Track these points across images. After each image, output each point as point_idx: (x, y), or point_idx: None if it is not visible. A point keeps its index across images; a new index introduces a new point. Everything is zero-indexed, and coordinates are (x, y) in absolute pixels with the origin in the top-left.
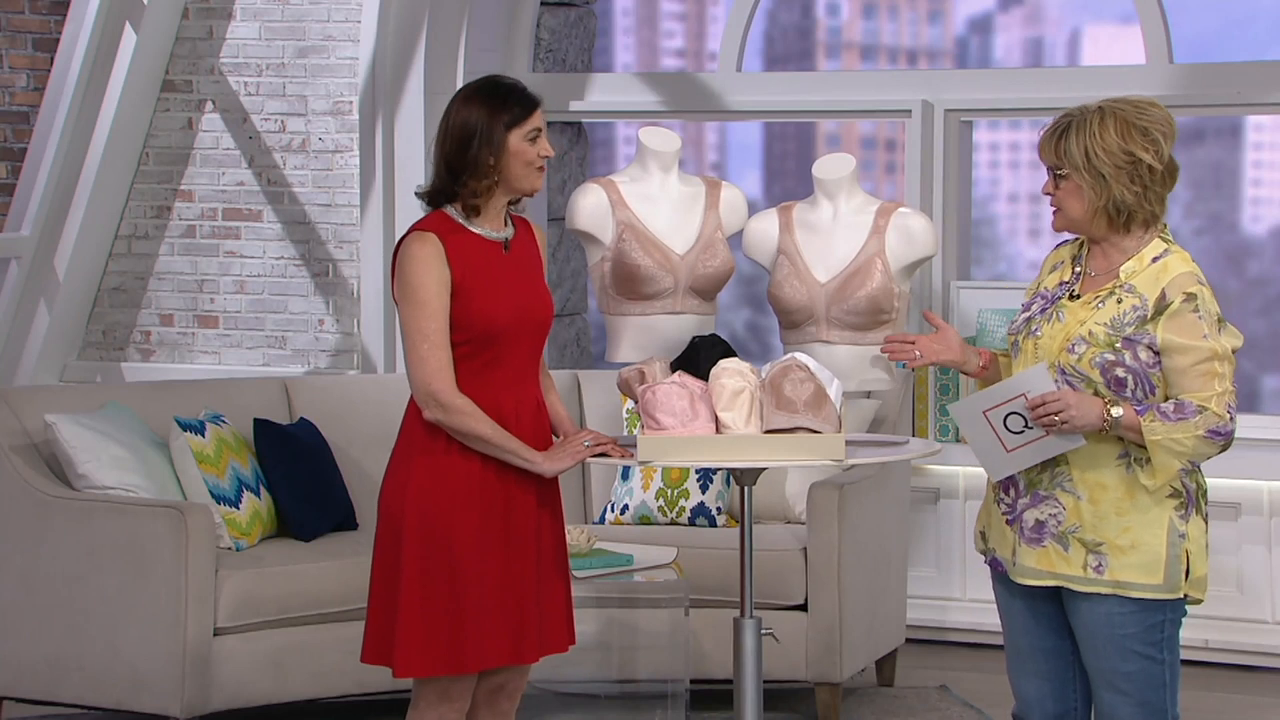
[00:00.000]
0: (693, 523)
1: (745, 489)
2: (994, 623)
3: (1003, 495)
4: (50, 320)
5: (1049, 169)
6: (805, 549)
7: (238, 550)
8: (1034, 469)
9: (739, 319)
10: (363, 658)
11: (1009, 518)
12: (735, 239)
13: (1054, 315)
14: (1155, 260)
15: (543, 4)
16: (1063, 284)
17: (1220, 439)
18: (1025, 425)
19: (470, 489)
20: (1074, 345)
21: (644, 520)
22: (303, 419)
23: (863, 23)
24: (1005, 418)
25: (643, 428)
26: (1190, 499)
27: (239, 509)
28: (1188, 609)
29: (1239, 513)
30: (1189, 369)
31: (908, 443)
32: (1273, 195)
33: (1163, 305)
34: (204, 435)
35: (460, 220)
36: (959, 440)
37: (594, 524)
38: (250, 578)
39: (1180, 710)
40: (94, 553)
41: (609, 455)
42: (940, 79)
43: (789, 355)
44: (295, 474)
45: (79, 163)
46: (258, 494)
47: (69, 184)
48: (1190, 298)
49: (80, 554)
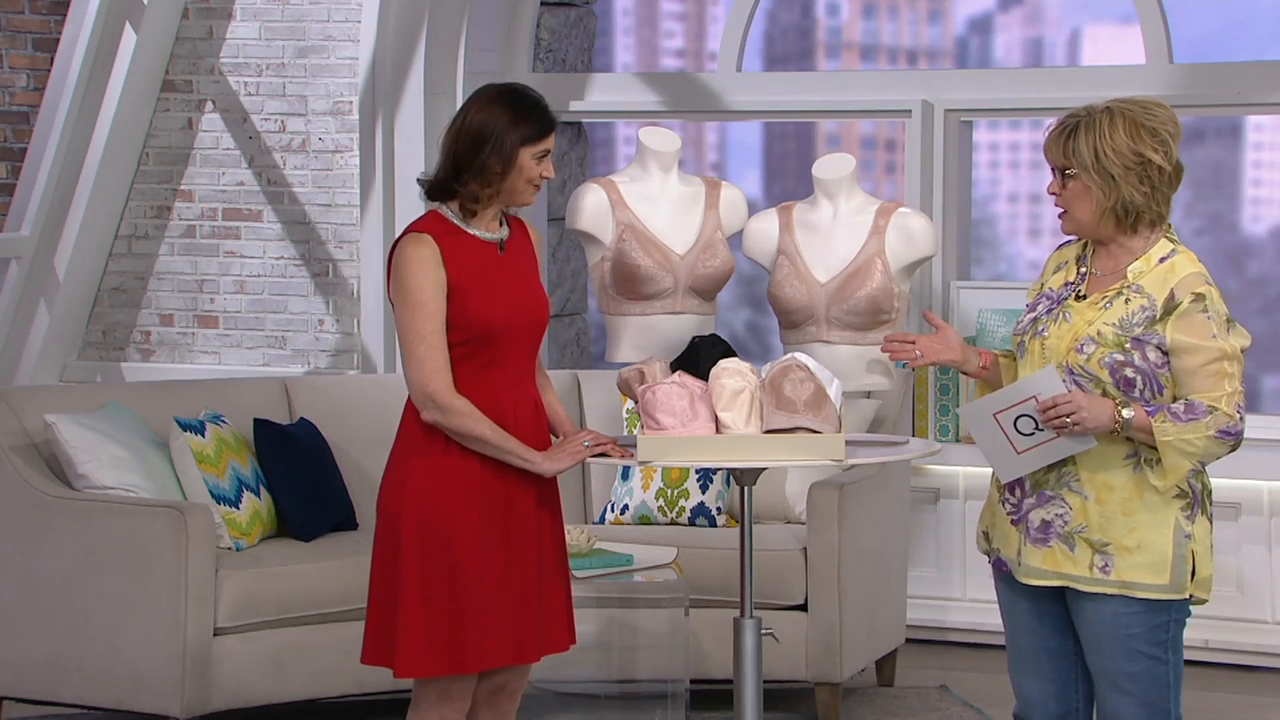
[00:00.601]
0: (693, 523)
1: (745, 489)
2: (994, 623)
3: (1008, 496)
4: (50, 320)
5: (1056, 169)
6: (805, 549)
7: (238, 550)
8: (1040, 469)
9: (739, 319)
10: (363, 658)
11: (1014, 518)
12: (735, 239)
13: (1060, 316)
14: (1162, 260)
15: (543, 4)
16: (1068, 284)
17: (1230, 439)
18: (1036, 427)
19: (470, 489)
20: (1082, 345)
21: (644, 520)
22: (303, 419)
23: (863, 23)
24: (1015, 420)
25: (643, 428)
26: (1196, 499)
27: (239, 509)
28: (1192, 609)
29: (1239, 513)
30: (1198, 369)
31: (908, 443)
32: (1273, 195)
33: (1171, 305)
34: (204, 435)
35: (456, 221)
36: (959, 440)
37: (594, 524)
38: (250, 578)
39: (1183, 710)
40: (94, 553)
41: (609, 455)
42: (940, 79)
43: (789, 355)
44: (295, 474)
45: (79, 163)
46: (258, 494)
47: (69, 184)
48: (1199, 298)
49: (80, 554)
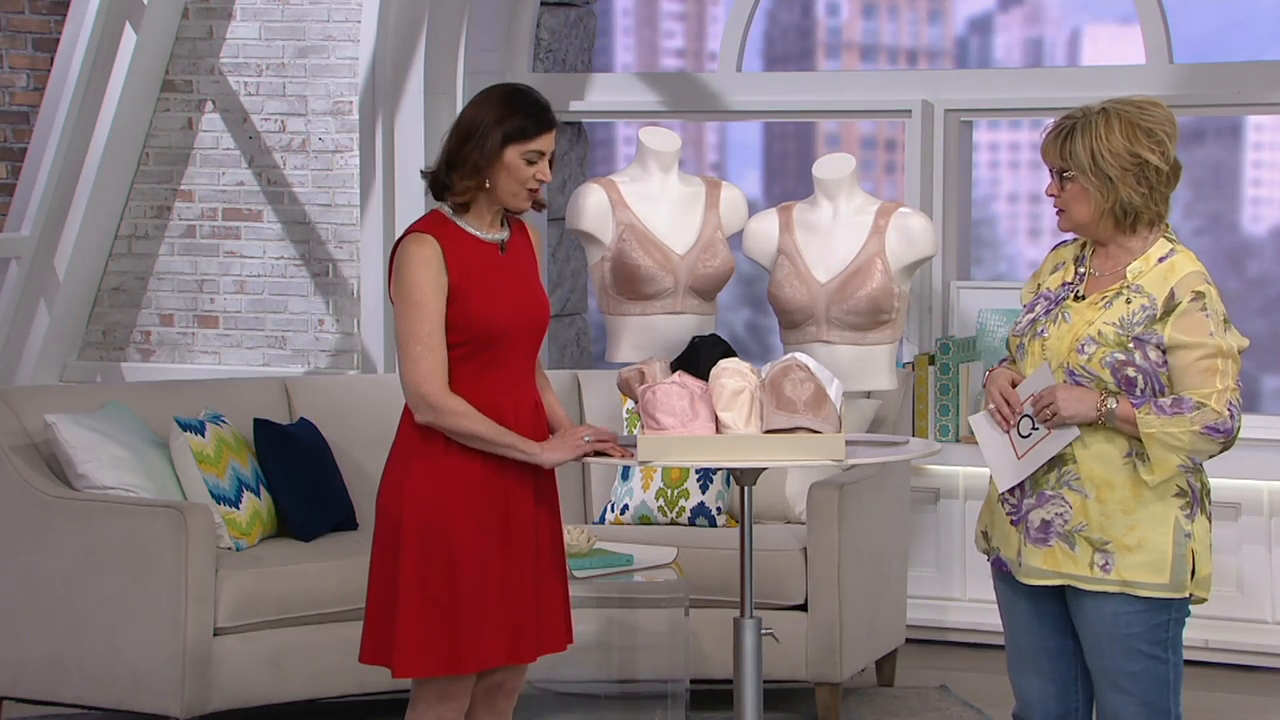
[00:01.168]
0: (693, 523)
1: (745, 489)
2: (994, 623)
3: (1008, 495)
4: (50, 320)
5: (1053, 171)
6: (805, 549)
7: (238, 550)
8: (1040, 468)
9: (739, 319)
10: (361, 658)
11: (1014, 518)
12: (735, 239)
13: (1059, 316)
14: (1162, 260)
15: (543, 4)
16: (1066, 284)
17: (1219, 436)
18: (1033, 427)
19: (469, 490)
20: (1083, 345)
21: (644, 520)
22: (303, 419)
23: (863, 23)
24: (1019, 423)
25: (643, 428)
26: (1195, 498)
27: (239, 509)
28: (1191, 609)
29: (1239, 513)
30: (1191, 365)
31: (908, 443)
32: (1273, 195)
33: (1171, 305)
34: (204, 435)
35: (456, 221)
36: (959, 440)
37: (594, 524)
38: (250, 578)
39: (1183, 710)
40: (94, 553)
41: (609, 454)
42: (940, 79)
43: (789, 355)
44: (295, 474)
45: (79, 163)
46: (258, 494)
47: (69, 184)
48: (1198, 296)
49: (80, 554)
